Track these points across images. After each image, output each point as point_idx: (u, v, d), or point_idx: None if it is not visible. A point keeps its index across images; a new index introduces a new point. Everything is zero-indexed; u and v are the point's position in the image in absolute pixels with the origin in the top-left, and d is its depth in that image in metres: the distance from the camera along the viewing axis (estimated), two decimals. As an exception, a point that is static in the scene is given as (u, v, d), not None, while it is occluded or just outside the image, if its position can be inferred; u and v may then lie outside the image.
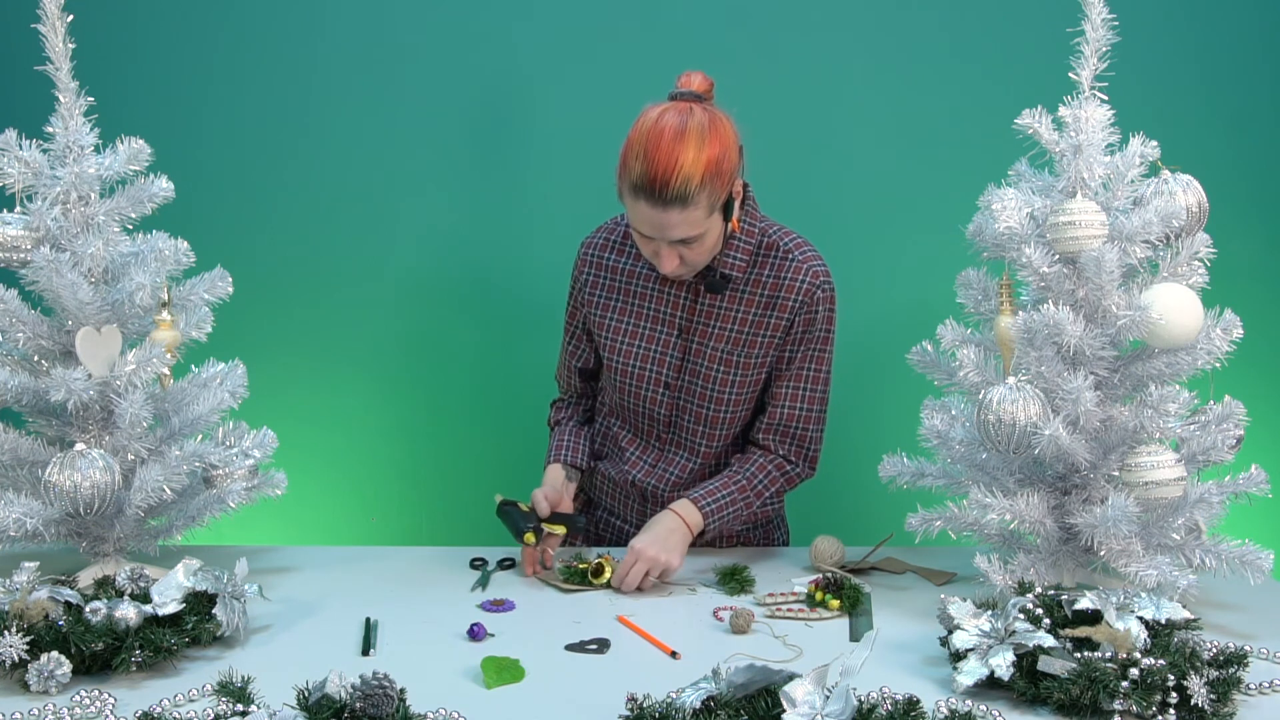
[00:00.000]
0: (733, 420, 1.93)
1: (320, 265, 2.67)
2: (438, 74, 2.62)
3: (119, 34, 2.59)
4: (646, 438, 1.99)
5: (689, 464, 1.96)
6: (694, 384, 1.91)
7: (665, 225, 1.72)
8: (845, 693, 1.16)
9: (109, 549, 1.74)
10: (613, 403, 2.03)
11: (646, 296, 1.94)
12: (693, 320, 1.91)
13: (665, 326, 1.93)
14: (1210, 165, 1.81)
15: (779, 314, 1.87)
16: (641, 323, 1.94)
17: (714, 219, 1.77)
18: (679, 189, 1.68)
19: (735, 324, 1.89)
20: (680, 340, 1.92)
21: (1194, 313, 1.56)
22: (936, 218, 2.46)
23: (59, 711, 1.30)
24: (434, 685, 1.38)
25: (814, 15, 2.58)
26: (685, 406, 1.93)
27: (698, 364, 1.91)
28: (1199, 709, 1.26)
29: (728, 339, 1.89)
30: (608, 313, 1.97)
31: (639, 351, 1.94)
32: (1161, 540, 1.61)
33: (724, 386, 1.90)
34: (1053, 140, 1.62)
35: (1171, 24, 2.53)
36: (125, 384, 1.65)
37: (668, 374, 1.92)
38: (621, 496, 2.04)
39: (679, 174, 1.68)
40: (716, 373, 1.90)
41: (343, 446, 2.70)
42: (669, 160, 1.68)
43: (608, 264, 1.99)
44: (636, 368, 1.94)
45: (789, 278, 1.87)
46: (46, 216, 1.65)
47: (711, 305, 1.90)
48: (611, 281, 1.98)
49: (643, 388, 1.94)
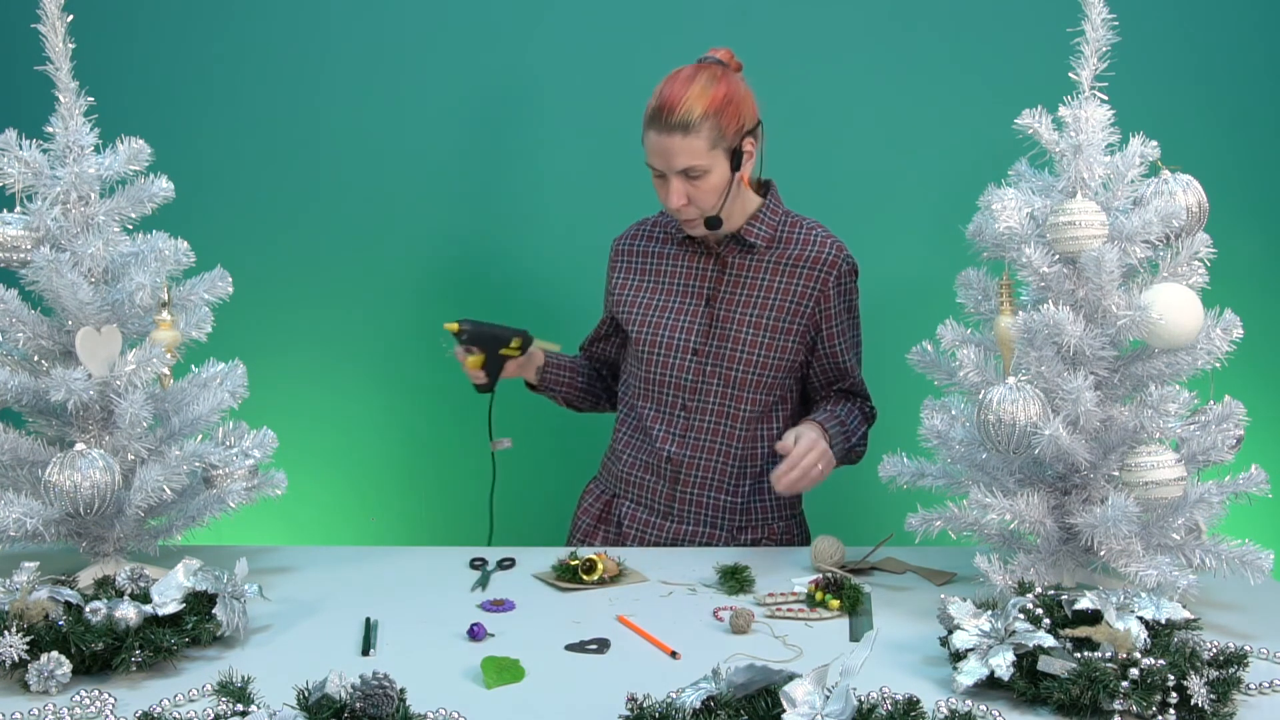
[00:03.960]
0: (759, 384, 2.01)
1: (320, 265, 2.67)
2: (438, 74, 2.62)
3: (119, 34, 2.59)
4: (672, 409, 2.05)
5: (719, 429, 2.03)
6: (722, 348, 2.01)
7: (669, 151, 1.87)
8: (845, 693, 1.16)
9: (109, 549, 1.74)
10: (638, 380, 2.09)
11: (675, 273, 2.07)
12: (719, 290, 2.03)
13: (693, 298, 2.05)
14: (1210, 165, 1.81)
15: (806, 283, 2.01)
16: (670, 297, 2.06)
17: (718, 159, 1.90)
18: (683, 116, 1.86)
19: (761, 291, 2.01)
20: (707, 309, 2.03)
21: (1194, 313, 1.56)
22: (936, 218, 2.46)
23: (59, 711, 1.30)
24: (434, 685, 1.38)
25: (814, 16, 2.59)
26: (714, 371, 2.01)
27: (726, 329, 2.01)
28: (1199, 709, 1.26)
29: (754, 304, 2.01)
30: (639, 293, 2.09)
31: (667, 322, 2.05)
32: (1161, 540, 1.61)
33: (753, 348, 2.00)
34: (1053, 140, 1.62)
35: (1171, 24, 2.53)
36: (125, 384, 1.65)
37: (695, 340, 2.02)
38: (652, 481, 2.08)
39: (684, 102, 1.86)
40: (746, 335, 2.00)
41: (343, 446, 2.71)
42: (677, 91, 1.87)
43: (638, 250, 2.14)
44: (665, 337, 2.03)
45: (814, 250, 2.02)
46: (46, 216, 1.65)
47: (737, 275, 2.02)
48: (642, 264, 2.12)
49: (671, 355, 2.03)
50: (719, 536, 2.06)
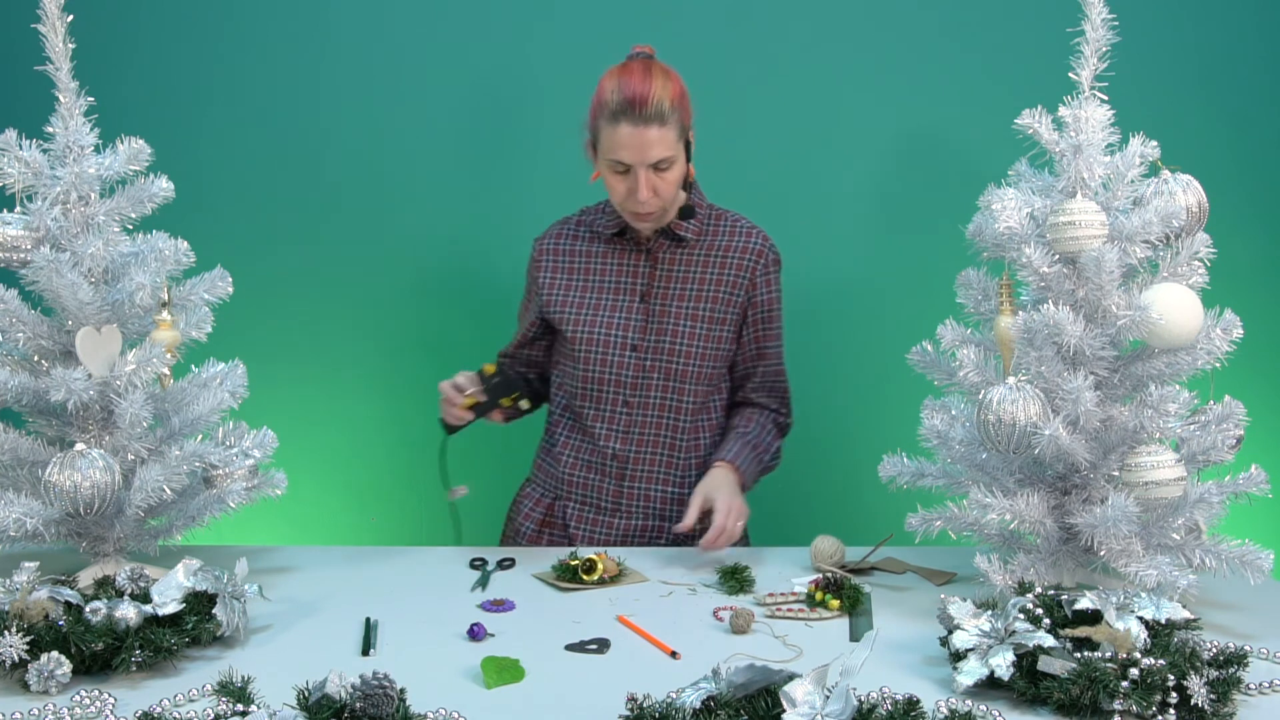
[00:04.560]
0: (699, 376, 2.03)
1: (321, 265, 2.67)
2: (438, 74, 2.62)
3: (119, 34, 2.59)
4: (614, 406, 2.05)
5: (662, 423, 2.05)
6: (661, 342, 2.02)
7: (646, 144, 1.88)
8: (845, 693, 1.16)
9: (109, 549, 1.74)
10: (576, 380, 2.07)
11: (606, 271, 2.07)
12: (652, 285, 2.04)
13: (626, 294, 2.05)
14: (1210, 165, 1.81)
15: (736, 272, 2.04)
16: (603, 295, 2.06)
17: (680, 149, 1.94)
18: (657, 106, 1.87)
19: (694, 283, 2.03)
20: (642, 304, 2.03)
21: (1194, 313, 1.56)
22: (936, 218, 2.46)
23: (59, 711, 1.30)
24: (434, 685, 1.38)
25: (814, 16, 2.59)
26: (654, 365, 2.03)
27: (664, 323, 2.02)
28: (1199, 709, 1.26)
29: (689, 297, 2.03)
30: (569, 292, 2.08)
31: (603, 319, 2.04)
32: (1161, 540, 1.61)
33: (691, 340, 2.02)
34: (1053, 140, 1.62)
35: (1171, 24, 2.53)
36: (125, 384, 1.65)
37: (633, 336, 2.03)
38: (597, 479, 2.08)
39: (654, 93, 1.88)
40: (684, 327, 2.02)
41: (343, 446, 2.70)
42: (644, 83, 1.88)
43: (564, 250, 2.11)
44: (602, 335, 2.03)
45: (742, 241, 2.05)
46: (46, 216, 1.65)
47: (669, 269, 2.04)
48: (569, 263, 2.10)
49: (610, 353, 2.03)
50: (668, 529, 2.08)
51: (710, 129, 2.63)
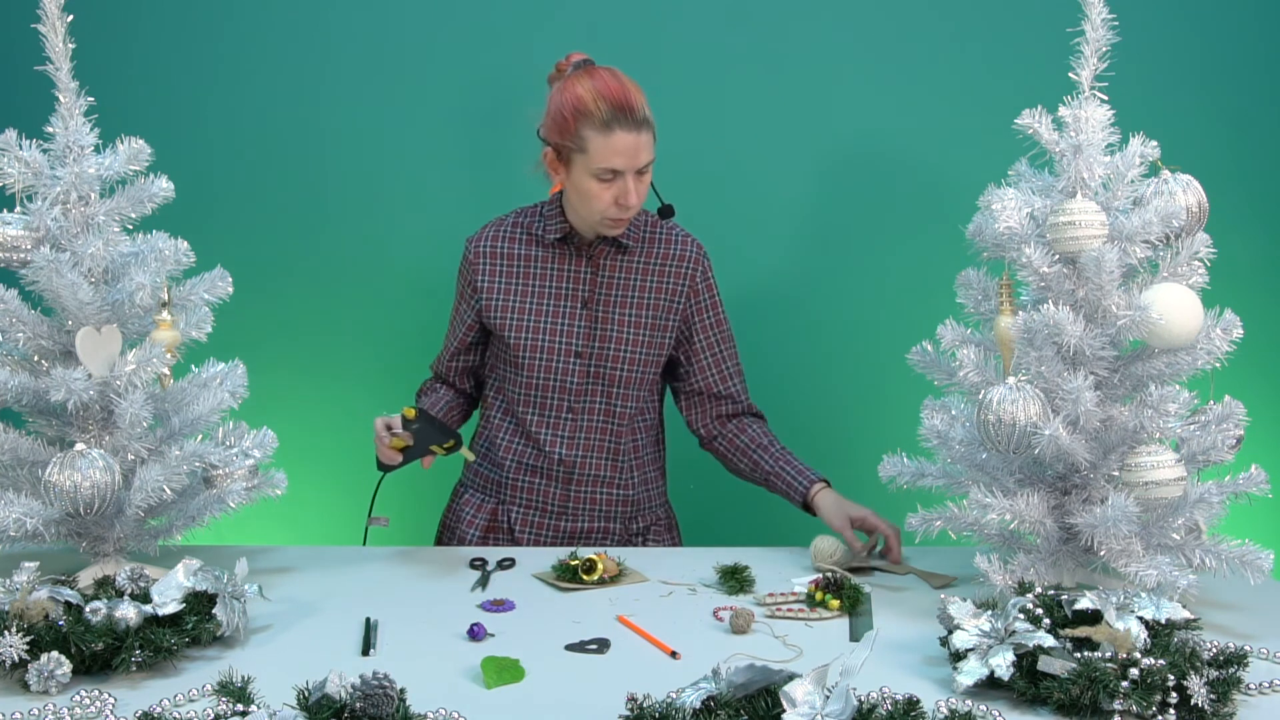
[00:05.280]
0: (640, 382, 2.06)
1: (321, 265, 2.67)
2: (438, 74, 2.62)
3: (119, 34, 2.59)
4: (558, 412, 2.06)
5: (606, 428, 2.06)
6: (605, 349, 2.03)
7: (639, 147, 1.89)
8: (845, 693, 1.16)
9: (109, 549, 1.74)
10: (518, 386, 2.07)
11: (547, 276, 2.06)
12: (594, 292, 2.04)
13: (568, 300, 2.05)
14: (1210, 165, 1.81)
15: (675, 280, 2.06)
16: (544, 301, 2.05)
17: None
18: (644, 112, 1.90)
19: (635, 291, 2.04)
20: (585, 311, 2.04)
21: (1194, 313, 1.56)
22: (936, 218, 2.46)
23: (59, 711, 1.30)
24: (434, 685, 1.38)
25: (814, 16, 2.58)
26: (598, 372, 2.04)
27: (607, 330, 2.04)
28: (1199, 709, 1.26)
29: (631, 305, 2.04)
30: (509, 297, 2.07)
31: (546, 326, 2.04)
32: (1161, 540, 1.61)
33: (634, 347, 2.04)
34: (1053, 140, 1.62)
35: (1171, 24, 2.53)
36: (125, 384, 1.65)
37: (578, 343, 2.03)
38: (543, 484, 2.08)
39: (639, 99, 1.89)
40: (626, 335, 2.04)
41: (343, 446, 2.70)
42: (628, 88, 1.89)
43: (502, 253, 2.09)
44: (545, 341, 2.03)
45: (679, 249, 2.07)
46: (46, 216, 1.65)
47: (610, 276, 2.04)
48: (508, 267, 2.08)
49: (554, 359, 2.03)
50: (613, 530, 2.10)
51: (710, 128, 2.64)
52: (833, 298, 2.64)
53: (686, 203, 2.09)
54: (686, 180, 2.64)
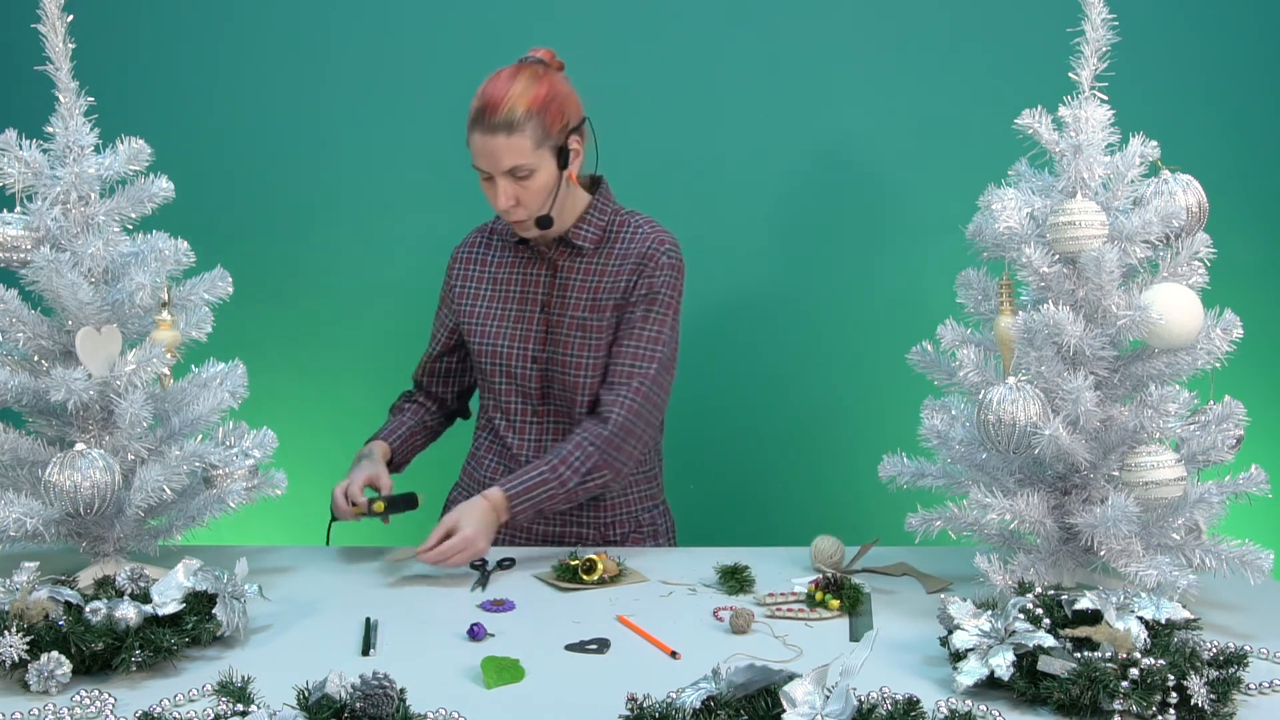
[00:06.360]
0: (594, 386, 1.99)
1: (321, 265, 2.67)
2: (438, 74, 2.62)
3: (119, 34, 2.59)
4: (523, 416, 2.05)
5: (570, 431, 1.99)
6: (556, 354, 2.00)
7: (495, 151, 1.85)
8: (845, 693, 1.16)
9: (109, 549, 1.74)
10: (488, 391, 2.08)
11: (511, 281, 2.05)
12: (551, 295, 2.01)
13: (529, 304, 2.03)
14: (1210, 165, 1.81)
15: (628, 277, 1.97)
16: (507, 305, 2.04)
17: (544, 157, 1.88)
18: (505, 115, 1.84)
19: (589, 293, 1.99)
20: (542, 315, 2.01)
21: (1194, 313, 1.56)
22: (936, 218, 2.46)
23: (59, 711, 1.30)
24: (434, 685, 1.38)
25: (814, 16, 2.59)
26: (554, 376, 2.01)
27: (558, 334, 2.00)
28: (1199, 709, 1.26)
29: (582, 307, 1.99)
30: (477, 302, 2.07)
31: (506, 331, 2.03)
32: (1161, 540, 1.61)
33: (581, 351, 1.99)
34: (1053, 140, 1.62)
35: (1171, 24, 2.53)
36: (125, 384, 1.65)
37: (534, 348, 2.01)
38: None
39: (506, 101, 1.84)
40: (574, 338, 1.99)
41: (343, 446, 2.70)
42: (498, 91, 1.86)
43: (477, 259, 2.10)
44: (505, 347, 2.02)
45: (637, 246, 1.98)
46: (46, 216, 1.65)
47: (567, 279, 2.00)
48: (480, 273, 2.08)
49: (513, 365, 2.02)
50: (587, 535, 2.06)
51: (710, 128, 2.64)
52: (833, 298, 2.64)
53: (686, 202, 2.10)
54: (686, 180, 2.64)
